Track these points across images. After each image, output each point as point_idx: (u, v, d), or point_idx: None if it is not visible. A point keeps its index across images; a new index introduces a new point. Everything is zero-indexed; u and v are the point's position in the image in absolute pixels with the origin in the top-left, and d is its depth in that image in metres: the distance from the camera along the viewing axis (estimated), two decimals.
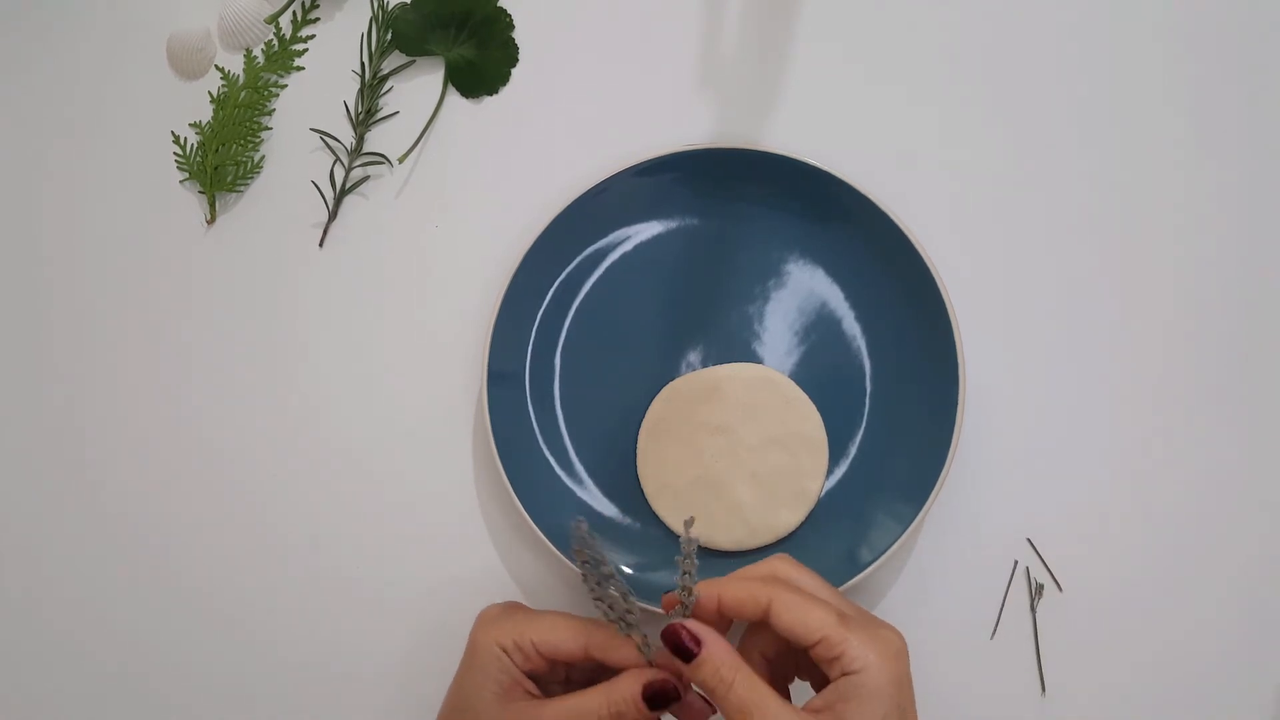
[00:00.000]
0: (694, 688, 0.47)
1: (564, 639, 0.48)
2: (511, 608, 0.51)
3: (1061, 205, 0.59)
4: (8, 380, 0.61)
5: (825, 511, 0.56)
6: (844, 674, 0.43)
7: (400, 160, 0.61)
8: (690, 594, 0.47)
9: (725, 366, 0.56)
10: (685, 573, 0.46)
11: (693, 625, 0.46)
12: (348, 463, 0.59)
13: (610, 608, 0.47)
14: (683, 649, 0.45)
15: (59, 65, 0.62)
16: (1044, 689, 0.56)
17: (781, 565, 0.48)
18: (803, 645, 0.44)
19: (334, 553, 0.58)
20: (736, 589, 0.46)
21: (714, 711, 0.48)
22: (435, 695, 0.51)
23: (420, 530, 0.58)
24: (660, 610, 0.50)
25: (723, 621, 0.47)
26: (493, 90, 0.61)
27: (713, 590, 0.46)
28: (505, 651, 0.48)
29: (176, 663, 0.58)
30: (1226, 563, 0.56)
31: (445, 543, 0.58)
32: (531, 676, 0.49)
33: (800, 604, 0.45)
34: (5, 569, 0.60)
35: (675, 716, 0.49)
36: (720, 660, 0.45)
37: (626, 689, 0.47)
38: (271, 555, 0.59)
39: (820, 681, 0.47)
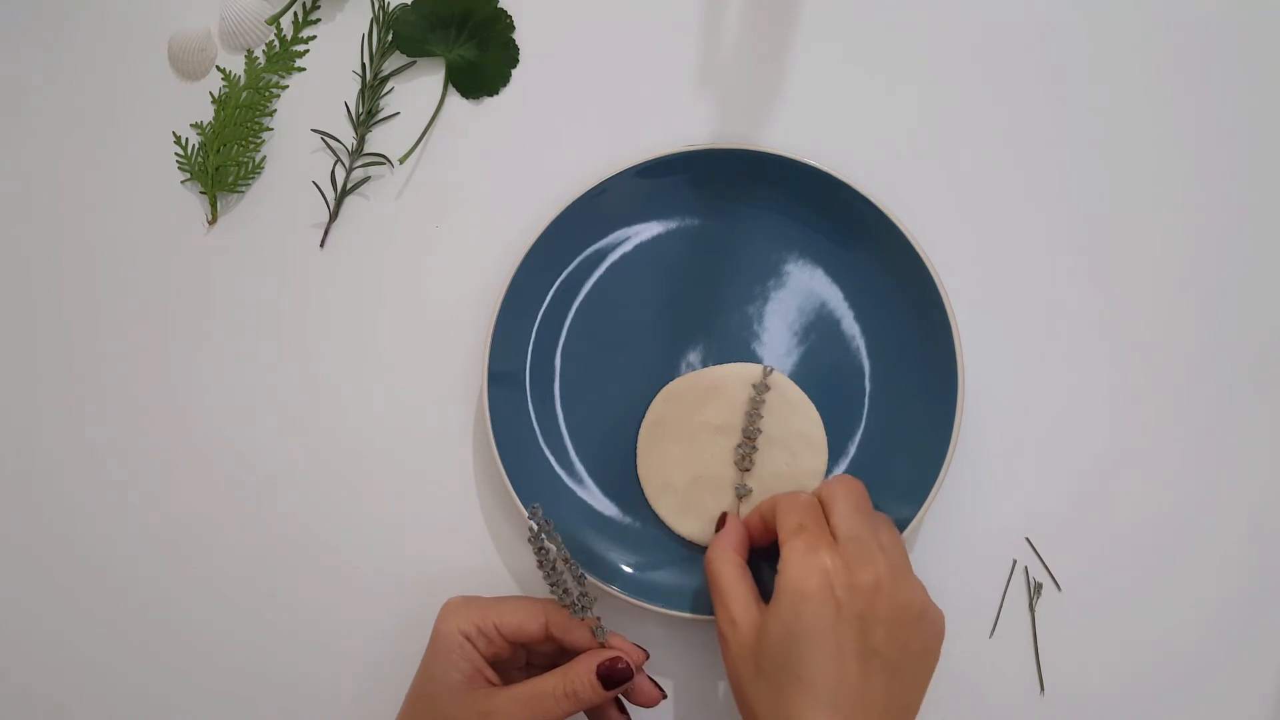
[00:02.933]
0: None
1: (525, 619, 0.50)
2: (474, 597, 0.52)
3: (1062, 206, 0.59)
4: (8, 379, 0.61)
5: None
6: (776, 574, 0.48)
7: (401, 161, 0.61)
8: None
9: (725, 366, 0.56)
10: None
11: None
12: (349, 462, 0.59)
13: (565, 592, 0.50)
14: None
15: (60, 66, 0.62)
16: (1043, 688, 0.56)
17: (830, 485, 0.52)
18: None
19: (334, 550, 0.59)
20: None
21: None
22: None
23: (421, 529, 0.58)
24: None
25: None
26: (493, 91, 0.61)
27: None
28: (469, 639, 0.50)
29: (186, 646, 0.59)
30: (1224, 561, 0.56)
31: (446, 542, 0.58)
32: (494, 663, 0.51)
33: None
34: (5, 559, 0.60)
35: (626, 698, 0.51)
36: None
37: (581, 669, 0.49)
38: (270, 554, 0.59)
39: None
